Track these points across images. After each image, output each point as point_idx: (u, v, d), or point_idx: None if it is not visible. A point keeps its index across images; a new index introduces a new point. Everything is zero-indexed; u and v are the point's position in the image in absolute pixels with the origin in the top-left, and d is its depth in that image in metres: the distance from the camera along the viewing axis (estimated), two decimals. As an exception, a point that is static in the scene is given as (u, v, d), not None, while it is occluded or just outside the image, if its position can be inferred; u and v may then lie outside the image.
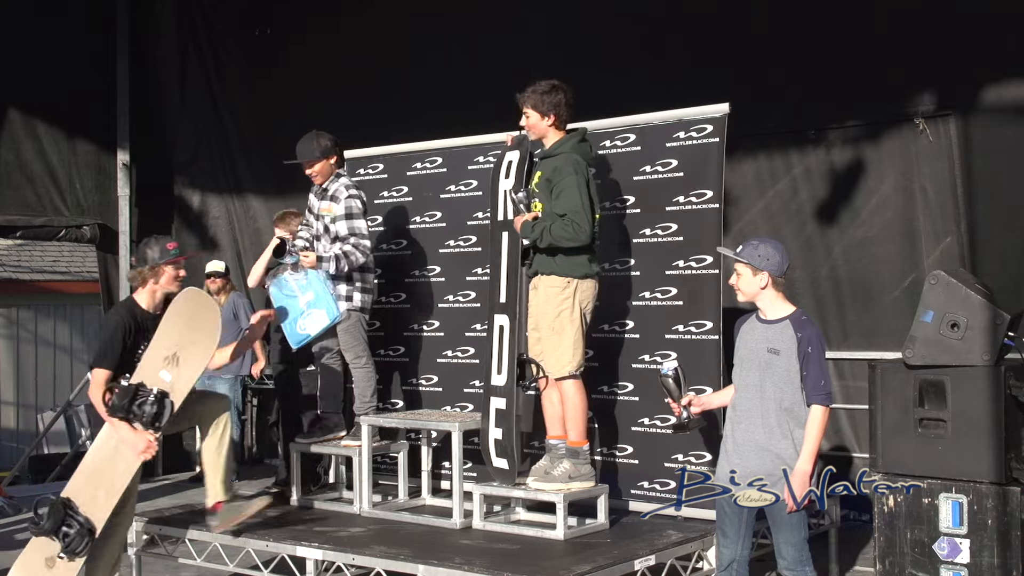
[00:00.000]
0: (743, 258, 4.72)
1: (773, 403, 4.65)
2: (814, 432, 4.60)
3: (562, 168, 5.65)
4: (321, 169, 6.53)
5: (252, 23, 10.30)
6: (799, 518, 4.64)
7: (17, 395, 16.95)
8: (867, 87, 7.16)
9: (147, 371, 5.60)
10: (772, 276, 4.69)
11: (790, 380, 4.63)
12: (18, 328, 17.21)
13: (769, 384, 4.66)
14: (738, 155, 7.37)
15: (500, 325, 5.93)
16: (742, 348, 4.82)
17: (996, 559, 5.21)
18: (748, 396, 4.73)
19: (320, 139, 6.53)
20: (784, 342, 4.65)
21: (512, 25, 8.58)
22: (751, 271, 4.71)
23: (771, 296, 4.73)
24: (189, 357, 5.61)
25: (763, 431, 4.65)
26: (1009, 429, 5.28)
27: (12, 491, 9.46)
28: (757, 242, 4.79)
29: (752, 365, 4.73)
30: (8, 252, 17.35)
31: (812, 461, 4.59)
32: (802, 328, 4.66)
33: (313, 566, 5.56)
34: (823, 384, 4.61)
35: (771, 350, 4.66)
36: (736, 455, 4.73)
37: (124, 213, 10.13)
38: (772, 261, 4.69)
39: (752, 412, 4.69)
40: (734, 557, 4.79)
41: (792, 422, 4.63)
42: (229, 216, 10.55)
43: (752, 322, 4.82)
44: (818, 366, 4.62)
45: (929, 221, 7.11)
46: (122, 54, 10.17)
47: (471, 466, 6.31)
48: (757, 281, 4.70)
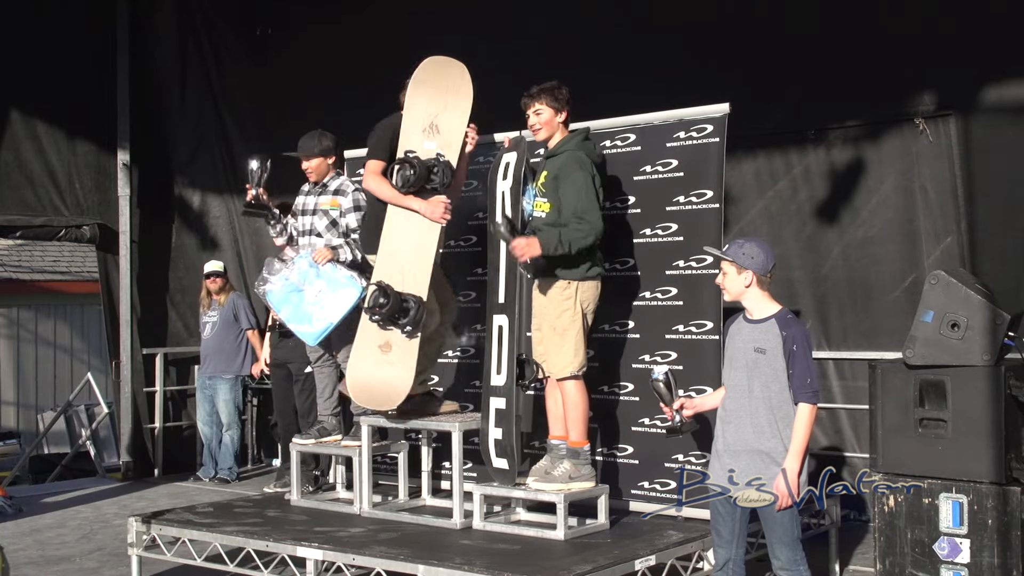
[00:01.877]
0: (728, 256, 4.73)
1: (762, 402, 4.65)
2: (801, 430, 4.59)
3: (568, 165, 5.66)
4: (317, 167, 6.63)
5: (252, 22, 10.31)
6: (791, 518, 4.64)
7: (17, 395, 16.95)
8: (867, 87, 7.16)
9: (412, 146, 5.91)
10: (756, 275, 4.69)
11: (777, 379, 4.63)
12: (18, 328, 17.22)
13: (757, 383, 4.66)
14: (738, 155, 7.37)
15: (499, 325, 5.92)
16: (730, 348, 4.83)
17: (996, 559, 5.21)
18: (737, 396, 4.73)
19: (323, 138, 6.64)
20: (770, 341, 4.65)
21: (512, 25, 8.58)
22: (736, 269, 4.72)
23: (756, 295, 4.73)
24: (446, 122, 5.91)
25: (752, 431, 4.65)
26: (1009, 429, 5.28)
27: (12, 491, 9.46)
28: (743, 241, 4.81)
29: (740, 365, 4.74)
30: (8, 252, 17.36)
31: (800, 459, 4.59)
32: (787, 327, 4.66)
33: (313, 566, 5.56)
34: (809, 382, 4.60)
35: (758, 349, 4.67)
36: (727, 455, 4.74)
37: (124, 213, 10.12)
38: (756, 260, 4.69)
39: (741, 412, 4.70)
40: (729, 557, 4.79)
41: (781, 421, 4.63)
42: (229, 216, 10.56)
43: (739, 322, 4.82)
44: (804, 364, 4.61)
45: (929, 221, 7.11)
46: (122, 54, 10.16)
47: (471, 466, 6.31)
48: (742, 280, 4.71)
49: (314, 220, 6.63)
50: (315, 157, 6.61)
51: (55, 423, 13.80)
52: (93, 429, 12.83)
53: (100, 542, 7.51)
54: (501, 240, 5.80)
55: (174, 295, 10.42)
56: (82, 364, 16.68)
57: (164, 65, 10.48)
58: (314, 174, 6.66)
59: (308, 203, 6.70)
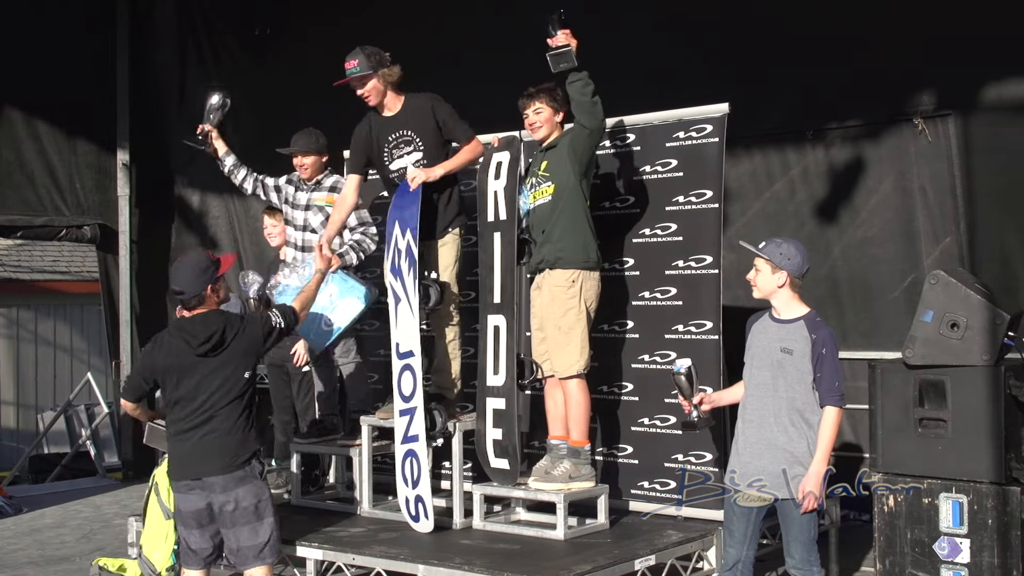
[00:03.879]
0: (765, 254, 4.73)
1: (785, 402, 4.66)
2: (828, 433, 4.62)
3: (567, 140, 5.76)
4: (313, 163, 6.67)
5: (252, 22, 10.29)
6: (810, 518, 4.66)
7: (17, 395, 16.94)
8: (866, 87, 7.16)
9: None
10: (791, 276, 4.70)
11: (802, 380, 4.64)
12: (18, 328, 17.21)
13: (782, 383, 4.67)
14: (738, 155, 7.37)
15: (495, 325, 5.92)
16: (754, 346, 4.82)
17: (996, 559, 5.21)
18: (760, 395, 4.73)
19: (319, 137, 6.70)
20: (798, 342, 4.65)
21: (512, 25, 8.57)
22: (771, 268, 4.72)
23: (787, 296, 4.74)
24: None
25: (777, 429, 4.66)
26: (1009, 429, 5.28)
27: (12, 491, 9.46)
28: (780, 240, 4.82)
29: (764, 364, 4.74)
30: (8, 252, 17.35)
31: (826, 462, 4.62)
32: (816, 329, 4.66)
33: (313, 566, 5.56)
34: (837, 386, 4.62)
35: (784, 350, 4.67)
36: (748, 453, 4.74)
37: (124, 213, 10.13)
38: (793, 261, 4.71)
39: (765, 411, 4.70)
40: (739, 557, 4.79)
41: (804, 423, 4.64)
42: (229, 216, 10.54)
43: (765, 320, 4.82)
44: (832, 368, 4.63)
45: (929, 221, 7.11)
46: (122, 54, 10.17)
47: (471, 466, 6.31)
48: (775, 279, 4.72)
49: (308, 216, 6.63)
50: (312, 154, 6.64)
51: (55, 423, 13.79)
52: (93, 429, 12.82)
53: (100, 542, 7.51)
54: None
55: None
56: (82, 364, 16.67)
57: (164, 65, 10.47)
58: (309, 170, 6.67)
59: (300, 198, 6.69)
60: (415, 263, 5.80)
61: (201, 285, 5.04)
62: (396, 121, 6.07)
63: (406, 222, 5.85)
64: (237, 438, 4.98)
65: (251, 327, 5.11)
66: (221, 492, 4.94)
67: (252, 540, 5.00)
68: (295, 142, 6.67)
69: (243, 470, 4.97)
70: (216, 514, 4.98)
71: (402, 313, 5.89)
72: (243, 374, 5.03)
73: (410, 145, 6.02)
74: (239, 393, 5.01)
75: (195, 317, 5.06)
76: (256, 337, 5.09)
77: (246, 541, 4.99)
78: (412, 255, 5.79)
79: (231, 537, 5.01)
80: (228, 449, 4.96)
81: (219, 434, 4.96)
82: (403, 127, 6.04)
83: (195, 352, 4.98)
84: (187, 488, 5.00)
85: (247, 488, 4.97)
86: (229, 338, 5.00)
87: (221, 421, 4.97)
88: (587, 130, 5.65)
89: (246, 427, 5.03)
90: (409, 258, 5.81)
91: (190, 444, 4.99)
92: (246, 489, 4.97)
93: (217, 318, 5.04)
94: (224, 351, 5.00)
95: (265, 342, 5.15)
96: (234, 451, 4.97)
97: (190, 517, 5.03)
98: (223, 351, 5.00)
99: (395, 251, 5.94)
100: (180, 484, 5.05)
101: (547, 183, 5.78)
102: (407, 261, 5.81)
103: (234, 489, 4.94)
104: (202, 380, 4.98)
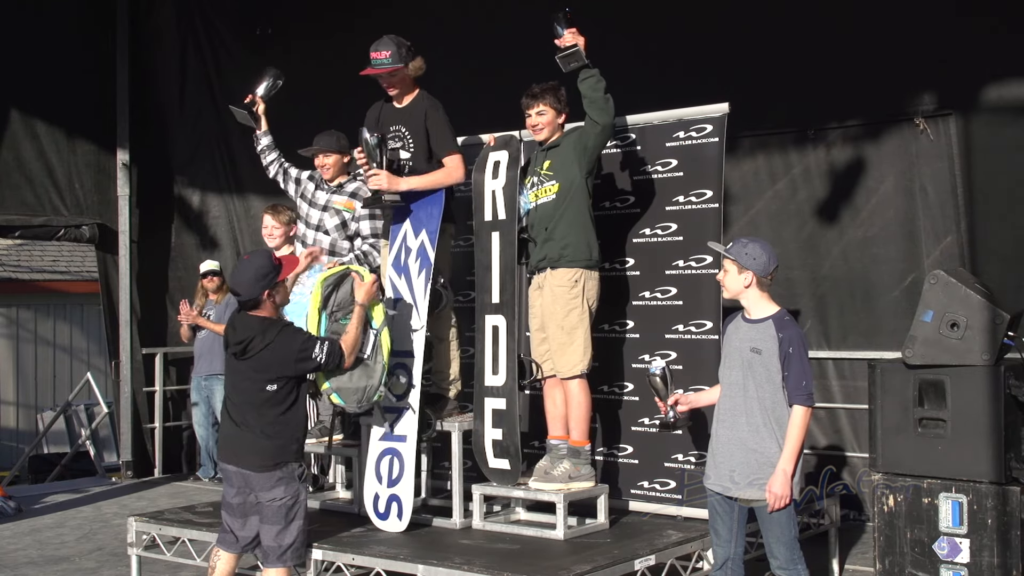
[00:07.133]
0: (730, 255, 4.73)
1: (756, 402, 4.65)
2: (795, 432, 4.60)
3: (574, 137, 5.76)
4: (335, 163, 6.66)
5: (252, 23, 10.30)
6: (788, 517, 4.64)
7: (17, 395, 16.95)
8: (867, 87, 7.17)
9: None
10: (757, 276, 4.70)
11: (771, 380, 4.64)
12: (18, 328, 17.22)
13: (751, 383, 4.67)
14: (738, 155, 7.37)
15: (494, 326, 5.92)
16: (727, 346, 4.85)
17: (996, 559, 5.21)
18: (732, 395, 4.74)
19: (341, 138, 6.69)
20: (766, 342, 4.65)
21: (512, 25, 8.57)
22: (737, 268, 4.72)
23: (755, 295, 4.74)
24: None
25: (748, 429, 4.66)
26: (1009, 429, 5.28)
27: (12, 491, 9.46)
28: (746, 240, 4.80)
29: (735, 364, 4.74)
30: (8, 252, 17.36)
31: (794, 461, 4.60)
32: (783, 328, 4.66)
33: (313, 566, 5.56)
34: (804, 384, 4.61)
35: (754, 349, 4.67)
36: (720, 453, 4.75)
37: (124, 213, 10.13)
38: (758, 261, 4.69)
39: (736, 411, 4.71)
40: (728, 556, 4.80)
41: (775, 422, 4.63)
42: (229, 216, 10.55)
43: (737, 321, 4.83)
44: (799, 367, 4.62)
45: (929, 221, 7.11)
46: (122, 54, 10.17)
47: (471, 466, 6.30)
48: (742, 279, 4.72)
49: (324, 216, 6.62)
50: (333, 153, 6.64)
51: (55, 423, 13.80)
52: (93, 429, 12.84)
53: (100, 542, 7.51)
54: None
55: (173, 295, 10.41)
56: (82, 364, 16.68)
57: (164, 65, 10.48)
58: (331, 170, 6.66)
59: (319, 197, 6.68)
60: (429, 266, 5.80)
61: (259, 290, 5.10)
62: (399, 115, 6.05)
63: (422, 223, 5.85)
64: (273, 443, 5.07)
65: (283, 345, 5.09)
66: (259, 488, 5.08)
67: (278, 540, 5.10)
68: (317, 142, 6.67)
69: (281, 471, 5.08)
70: (254, 505, 5.13)
71: (402, 312, 5.89)
72: (265, 386, 5.06)
73: (401, 142, 6.01)
74: (263, 401, 5.06)
75: (242, 315, 5.17)
76: (285, 358, 5.08)
77: (271, 540, 5.10)
78: (427, 257, 5.79)
79: (262, 532, 5.14)
80: (264, 450, 5.07)
81: (255, 434, 5.08)
82: (402, 123, 6.03)
83: (229, 350, 5.15)
84: (228, 474, 5.16)
85: (282, 489, 5.09)
86: (256, 348, 5.04)
87: (255, 421, 5.09)
88: (599, 126, 5.64)
89: (283, 432, 5.09)
90: (421, 259, 5.81)
91: (236, 431, 5.14)
92: (282, 490, 5.09)
93: (255, 325, 5.09)
94: (249, 359, 5.06)
95: (296, 365, 5.12)
96: (270, 453, 5.08)
97: (235, 507, 5.18)
98: (248, 358, 5.06)
99: (403, 248, 5.92)
100: (223, 467, 5.22)
101: (550, 182, 5.77)
102: (418, 262, 5.81)
103: (271, 488, 5.06)
104: (236, 377, 5.18)
